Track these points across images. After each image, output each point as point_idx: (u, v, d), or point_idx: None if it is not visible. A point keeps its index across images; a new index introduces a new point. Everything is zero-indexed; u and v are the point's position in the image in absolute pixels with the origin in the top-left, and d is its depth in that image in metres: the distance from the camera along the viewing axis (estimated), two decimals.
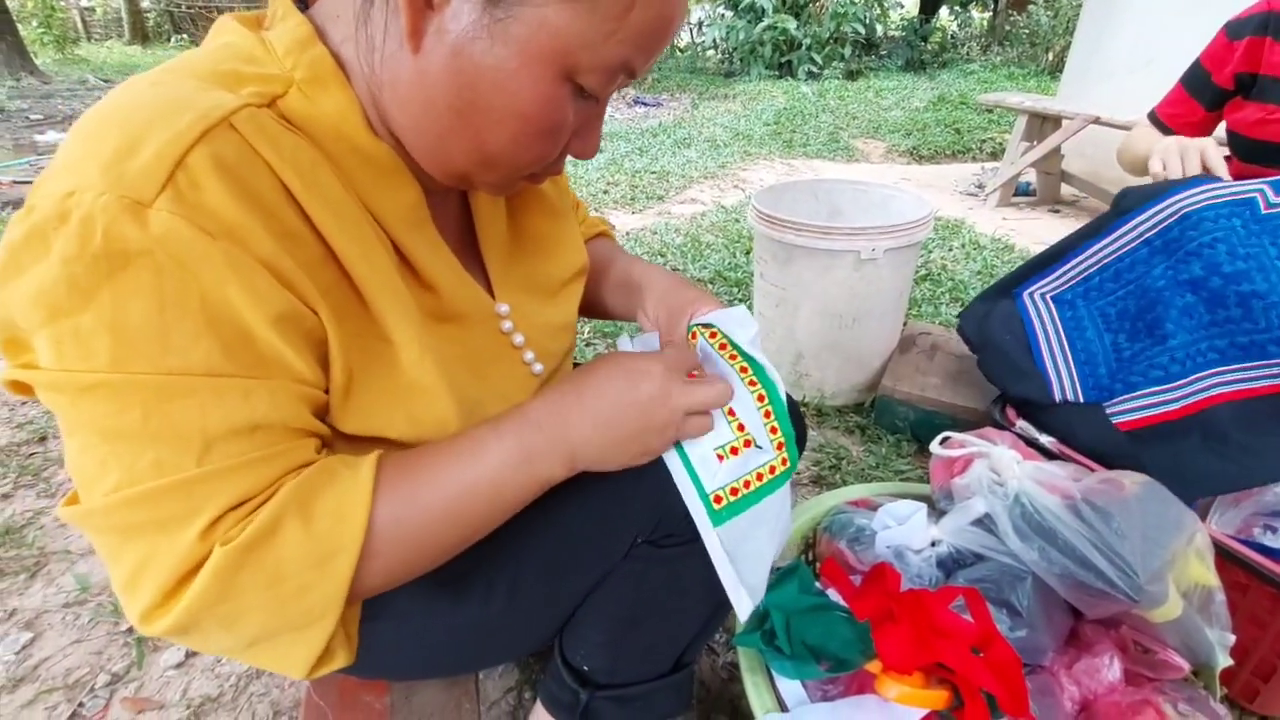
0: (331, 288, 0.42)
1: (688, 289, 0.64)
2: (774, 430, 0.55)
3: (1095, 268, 1.07)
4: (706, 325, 0.59)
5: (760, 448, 0.54)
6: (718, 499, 0.52)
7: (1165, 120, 1.26)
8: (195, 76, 0.40)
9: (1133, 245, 1.02)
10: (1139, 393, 0.94)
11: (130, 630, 1.01)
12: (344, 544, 0.39)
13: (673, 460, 0.52)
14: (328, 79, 0.42)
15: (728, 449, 0.52)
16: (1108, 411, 0.96)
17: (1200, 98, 1.20)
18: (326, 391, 0.44)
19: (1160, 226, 1.00)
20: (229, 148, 0.36)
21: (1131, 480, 0.70)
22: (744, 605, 0.56)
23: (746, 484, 0.54)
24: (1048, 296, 1.11)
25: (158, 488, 0.35)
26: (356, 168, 0.44)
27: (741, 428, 0.53)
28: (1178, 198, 0.99)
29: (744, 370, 0.55)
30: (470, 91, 0.40)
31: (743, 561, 0.54)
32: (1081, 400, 0.99)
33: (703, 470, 0.52)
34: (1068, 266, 1.11)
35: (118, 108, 0.37)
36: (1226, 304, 0.90)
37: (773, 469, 0.55)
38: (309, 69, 0.42)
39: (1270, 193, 0.94)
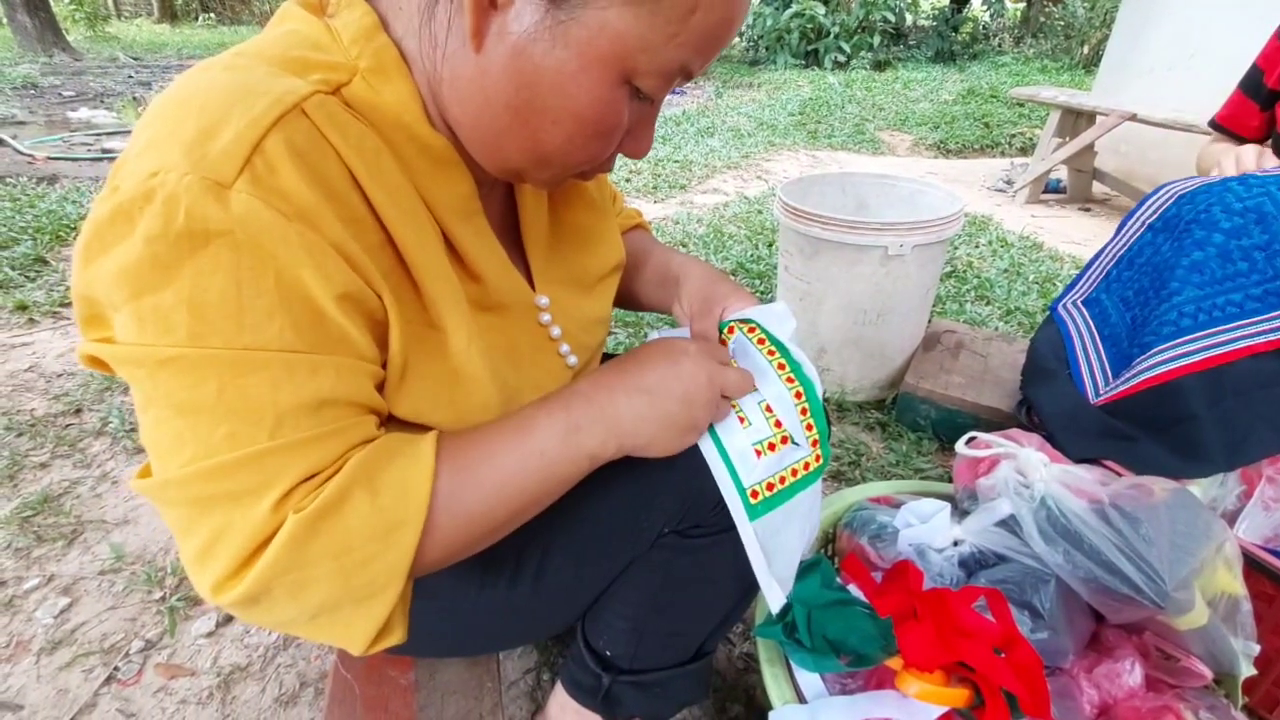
0: (390, 272, 0.43)
1: (724, 282, 0.64)
2: (809, 427, 0.55)
3: (1111, 264, 1.13)
4: (744, 320, 0.59)
5: (797, 444, 0.54)
6: (754, 494, 0.53)
7: (1224, 124, 1.23)
8: (266, 62, 0.40)
9: (1139, 233, 1.08)
10: (1155, 349, 0.95)
11: (163, 599, 1.04)
12: (408, 517, 0.40)
13: (711, 455, 0.52)
14: (391, 69, 0.43)
15: (765, 445, 0.53)
16: (1128, 374, 0.98)
17: (1256, 98, 1.17)
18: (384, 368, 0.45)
19: (1160, 210, 1.04)
20: (301, 133, 0.37)
21: (1161, 487, 0.70)
22: (776, 598, 0.57)
23: (782, 479, 0.54)
24: (1078, 302, 1.17)
25: (232, 460, 0.36)
26: (414, 157, 0.44)
27: (779, 424, 0.54)
28: (1172, 185, 1.04)
29: (781, 367, 0.56)
30: (529, 92, 0.40)
31: (775, 555, 0.55)
32: (1111, 378, 1.01)
33: (741, 465, 0.52)
34: (1090, 271, 1.17)
35: (196, 91, 0.38)
36: (1233, 259, 0.93)
37: (807, 465, 0.56)
38: (373, 58, 0.42)
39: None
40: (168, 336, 0.36)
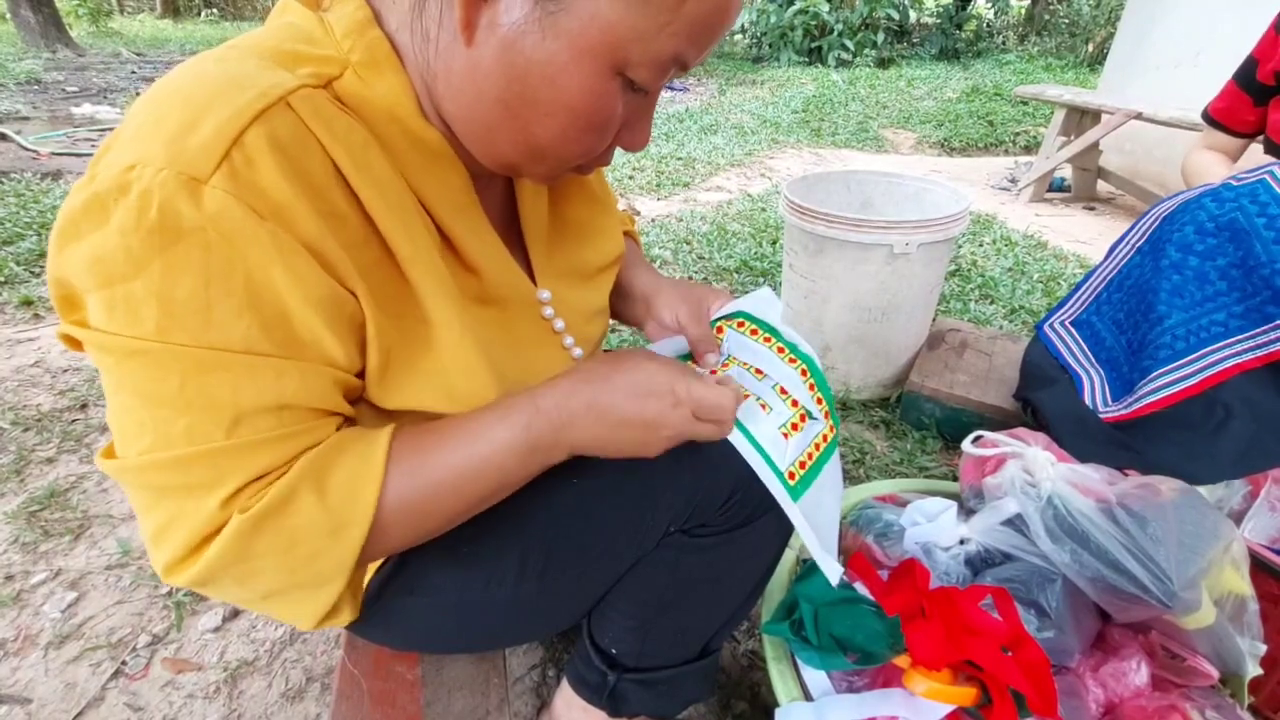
0: (373, 267, 0.43)
1: (698, 286, 0.66)
2: (819, 401, 0.57)
3: (1102, 286, 1.14)
4: (731, 316, 0.60)
5: (814, 418, 0.56)
6: (791, 475, 0.54)
7: (1217, 117, 1.21)
8: (258, 55, 0.41)
9: (1128, 257, 1.09)
10: (1154, 374, 0.96)
11: (170, 594, 1.04)
12: (355, 517, 0.42)
13: (743, 446, 0.53)
14: (383, 63, 0.43)
15: (789, 425, 0.54)
16: (1130, 399, 0.98)
17: (1249, 91, 1.15)
18: (361, 374, 0.45)
19: (1148, 234, 1.06)
20: (284, 127, 0.37)
21: (1169, 486, 0.70)
22: (834, 571, 0.57)
23: (810, 455, 0.56)
24: (1066, 323, 1.19)
25: (187, 455, 0.38)
26: (406, 150, 0.44)
27: (795, 404, 0.55)
28: (1158, 207, 1.05)
29: (781, 350, 0.58)
30: (520, 85, 0.40)
31: (820, 530, 0.56)
32: (1110, 401, 1.01)
33: (774, 450, 0.53)
34: (1079, 293, 1.18)
35: (184, 82, 0.38)
36: (1210, 279, 0.94)
37: (825, 437, 0.57)
38: (365, 52, 0.43)
39: (1240, 175, 0.97)
40: (136, 327, 0.36)
